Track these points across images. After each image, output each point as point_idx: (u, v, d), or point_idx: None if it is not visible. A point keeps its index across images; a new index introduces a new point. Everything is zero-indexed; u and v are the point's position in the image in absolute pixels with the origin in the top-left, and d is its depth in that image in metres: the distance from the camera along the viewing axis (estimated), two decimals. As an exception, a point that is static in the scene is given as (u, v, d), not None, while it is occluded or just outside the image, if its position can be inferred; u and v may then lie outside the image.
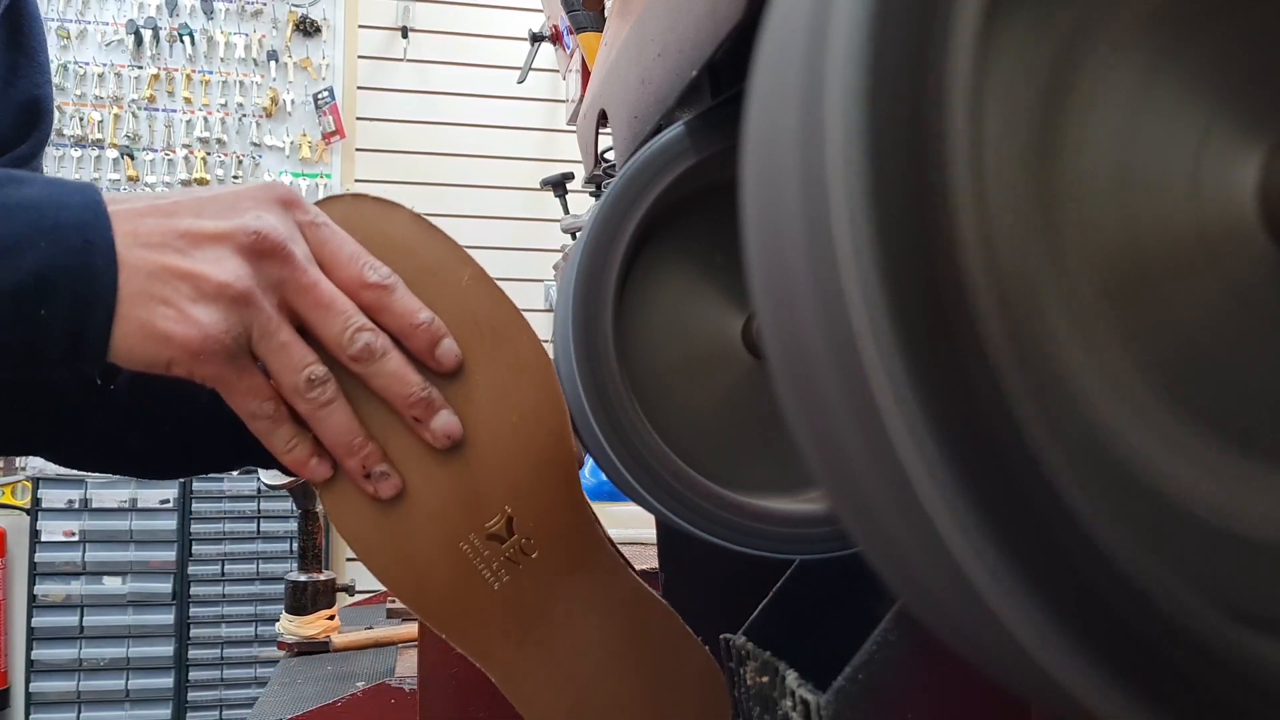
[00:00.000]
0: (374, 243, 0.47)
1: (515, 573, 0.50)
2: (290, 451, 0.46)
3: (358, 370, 0.46)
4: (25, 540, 3.13)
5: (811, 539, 0.45)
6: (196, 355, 0.42)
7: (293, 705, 1.26)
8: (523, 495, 0.50)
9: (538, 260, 3.32)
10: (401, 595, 0.49)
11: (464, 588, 0.49)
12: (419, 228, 0.50)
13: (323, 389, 0.45)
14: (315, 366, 0.45)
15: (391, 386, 0.47)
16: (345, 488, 0.48)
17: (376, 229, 0.48)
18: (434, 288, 0.48)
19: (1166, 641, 0.18)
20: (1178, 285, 0.22)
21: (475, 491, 0.49)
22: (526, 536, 0.50)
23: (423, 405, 0.47)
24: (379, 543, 0.48)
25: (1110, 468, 0.21)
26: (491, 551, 0.49)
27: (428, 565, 0.49)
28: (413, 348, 0.47)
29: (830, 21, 0.19)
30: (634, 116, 0.50)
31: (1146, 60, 0.23)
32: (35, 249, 0.40)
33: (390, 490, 0.48)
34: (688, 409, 0.48)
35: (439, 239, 0.50)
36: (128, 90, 3.24)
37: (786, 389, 0.22)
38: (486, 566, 0.49)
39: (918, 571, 0.20)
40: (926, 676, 0.39)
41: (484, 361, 0.49)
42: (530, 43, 2.58)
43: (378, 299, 0.46)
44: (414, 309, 0.47)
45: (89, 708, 3.11)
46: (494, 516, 0.49)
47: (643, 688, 0.53)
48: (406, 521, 0.48)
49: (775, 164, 0.21)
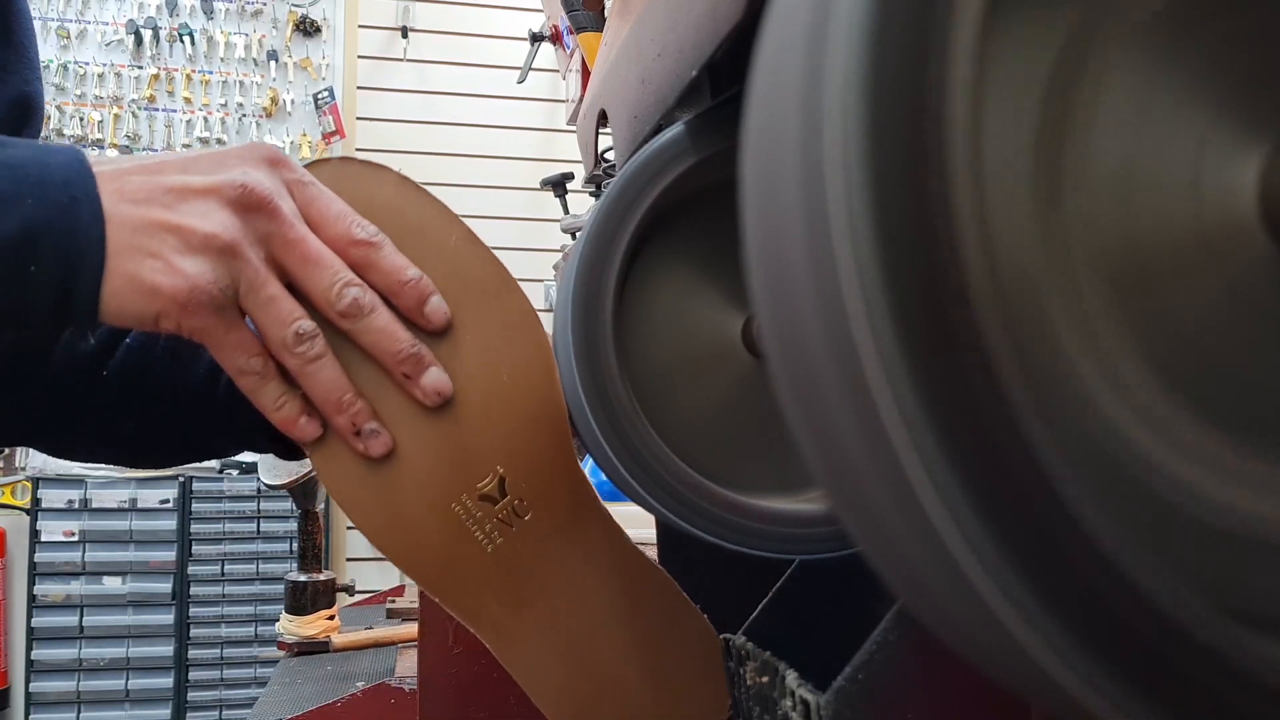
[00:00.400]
0: (361, 204, 0.47)
1: (508, 534, 0.49)
2: (279, 409, 0.46)
3: (346, 326, 0.46)
4: (25, 540, 3.13)
5: (811, 539, 0.45)
6: (184, 307, 0.42)
7: (293, 705, 1.26)
8: (515, 455, 0.49)
9: (538, 260, 3.32)
10: (393, 557, 0.49)
11: (457, 549, 0.49)
12: (406, 189, 0.49)
13: (311, 344, 0.45)
14: (303, 321, 0.45)
15: (380, 343, 0.46)
16: (335, 447, 0.47)
17: (364, 191, 0.48)
18: (422, 248, 0.48)
19: (1167, 641, 0.18)
20: (1178, 285, 0.22)
21: (466, 451, 0.48)
22: (519, 498, 0.49)
23: (412, 361, 0.47)
24: (370, 503, 0.48)
25: (1111, 467, 0.21)
26: (484, 513, 0.49)
27: (419, 526, 0.48)
28: (401, 305, 0.47)
29: (830, 22, 0.19)
30: (634, 116, 0.50)
31: (1148, 60, 0.23)
32: (21, 206, 0.39)
33: (380, 448, 0.47)
34: (688, 409, 0.48)
35: (426, 200, 0.49)
36: (128, 90, 3.24)
37: (786, 389, 0.22)
38: (479, 528, 0.49)
39: (918, 571, 0.20)
40: (926, 676, 0.39)
41: (473, 321, 0.49)
42: (530, 43, 2.58)
43: (365, 256, 0.46)
44: (402, 266, 0.47)
45: (89, 708, 3.11)
46: (486, 477, 0.49)
47: (640, 651, 0.52)
48: (397, 482, 0.48)
49: (775, 164, 0.21)
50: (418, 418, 0.48)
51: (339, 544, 3.32)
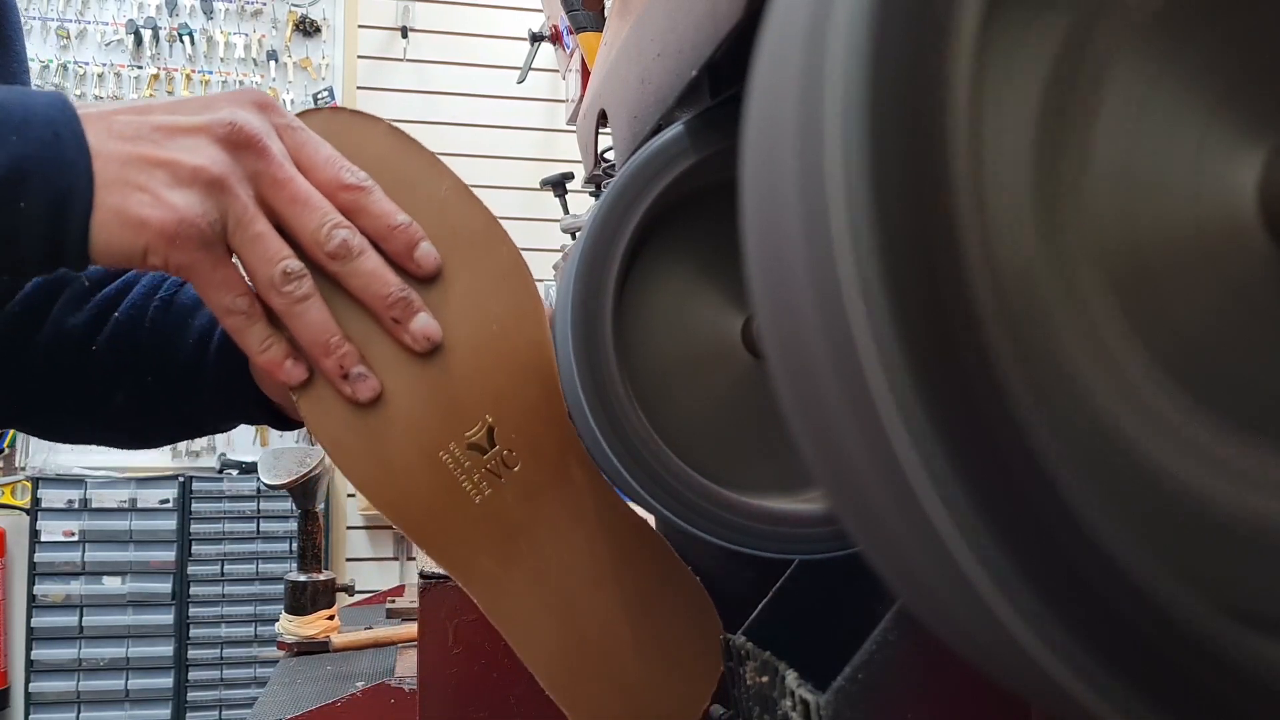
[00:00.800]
0: (352, 153, 0.46)
1: (497, 485, 0.49)
2: (265, 351, 0.45)
3: (334, 269, 0.45)
4: (25, 540, 3.13)
5: (811, 539, 0.45)
6: (172, 240, 0.41)
7: (292, 705, 1.26)
8: (503, 405, 0.49)
9: (538, 260, 3.31)
10: (381, 505, 0.48)
11: (445, 499, 0.48)
12: (397, 139, 0.49)
13: (298, 284, 0.44)
14: (290, 260, 0.44)
15: (370, 286, 0.46)
16: (322, 391, 0.47)
17: (354, 140, 0.48)
18: (412, 198, 0.47)
19: (1167, 641, 0.18)
20: (1179, 284, 0.22)
21: (455, 399, 0.48)
22: (508, 448, 0.49)
23: (401, 305, 0.46)
24: (358, 449, 0.47)
25: (1111, 466, 0.21)
26: (473, 462, 0.48)
27: (407, 474, 0.48)
28: (390, 250, 0.47)
29: (830, 22, 0.19)
30: (634, 116, 0.50)
31: (1148, 60, 0.23)
32: (6, 144, 0.40)
33: (368, 392, 0.47)
34: (688, 409, 0.48)
35: (417, 150, 0.49)
36: (128, 90, 3.23)
37: (786, 389, 0.22)
38: (468, 478, 0.48)
39: (917, 571, 0.20)
40: (926, 676, 0.39)
41: (463, 269, 0.48)
42: (530, 43, 2.58)
43: (355, 200, 0.46)
44: (391, 211, 0.46)
45: (89, 708, 3.11)
46: (475, 425, 0.48)
47: (632, 611, 0.51)
48: (386, 428, 0.47)
49: (774, 164, 0.21)
50: (406, 364, 0.47)
51: (339, 544, 3.32)
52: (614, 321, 0.44)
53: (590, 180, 1.34)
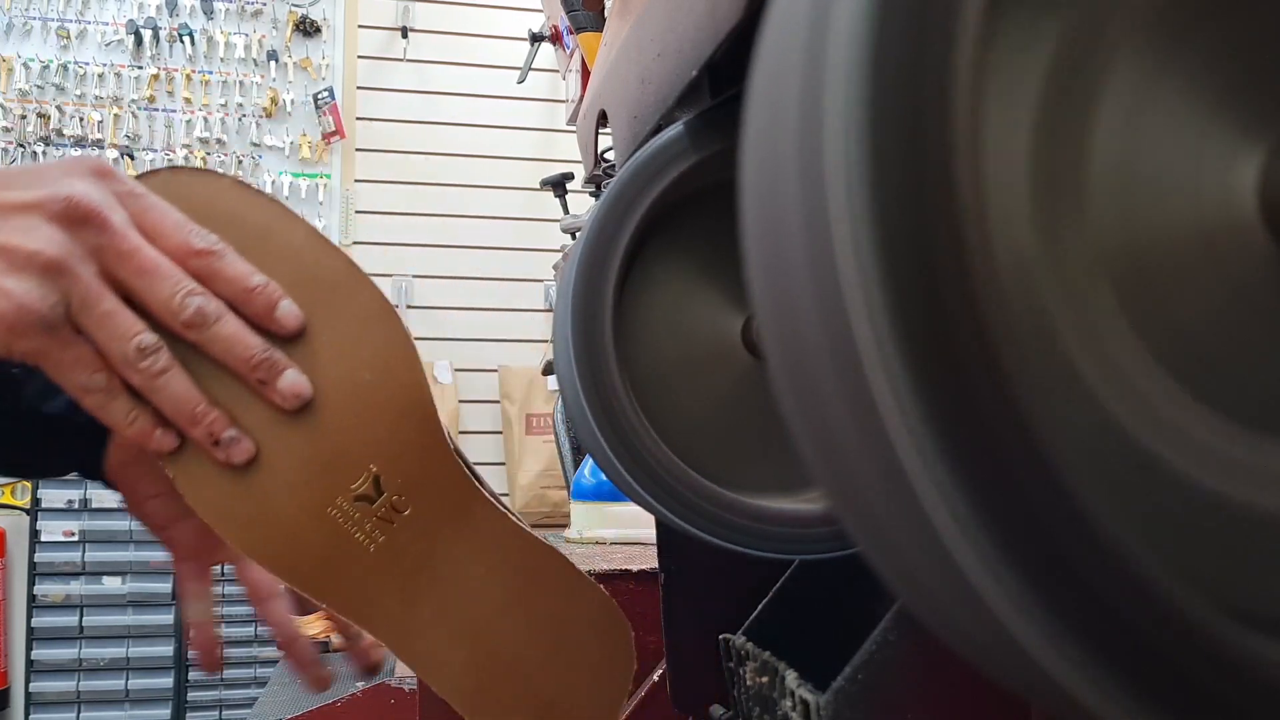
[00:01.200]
0: (199, 213, 0.45)
1: (390, 531, 0.48)
2: (131, 425, 0.44)
3: (193, 338, 0.44)
4: (25, 540, 3.13)
5: (811, 539, 0.45)
6: (12, 329, 0.40)
7: (293, 705, 1.26)
8: (386, 452, 0.48)
9: (538, 260, 3.31)
10: (272, 568, 0.47)
11: (338, 553, 0.48)
12: (244, 193, 0.48)
13: (154, 358, 0.43)
14: (143, 335, 0.43)
15: (231, 350, 0.45)
16: (195, 459, 0.46)
17: (200, 199, 0.46)
18: (266, 252, 0.46)
19: (1167, 641, 0.18)
20: (1179, 283, 0.22)
21: (336, 453, 0.47)
22: (396, 494, 0.48)
23: (266, 366, 0.45)
24: (240, 515, 0.46)
25: (1112, 466, 0.21)
26: (362, 513, 0.48)
27: (295, 535, 0.47)
28: (251, 314, 0.45)
29: (830, 22, 0.19)
30: (634, 116, 0.50)
31: (1148, 60, 0.23)
32: None
33: (243, 455, 0.45)
34: (687, 409, 0.48)
35: (266, 202, 0.48)
36: (128, 90, 3.23)
37: (786, 389, 0.22)
38: (359, 529, 0.48)
39: (917, 571, 0.20)
40: (926, 676, 0.39)
41: (326, 320, 0.47)
42: (530, 43, 2.58)
43: (207, 266, 0.44)
44: (246, 273, 0.45)
45: (89, 708, 3.11)
46: (359, 477, 0.48)
47: (541, 631, 0.51)
48: (266, 491, 0.46)
49: (775, 164, 0.21)
50: (280, 423, 0.46)
51: (339, 544, 3.32)
52: (614, 321, 0.44)
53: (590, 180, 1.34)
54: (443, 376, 3.28)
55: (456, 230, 3.37)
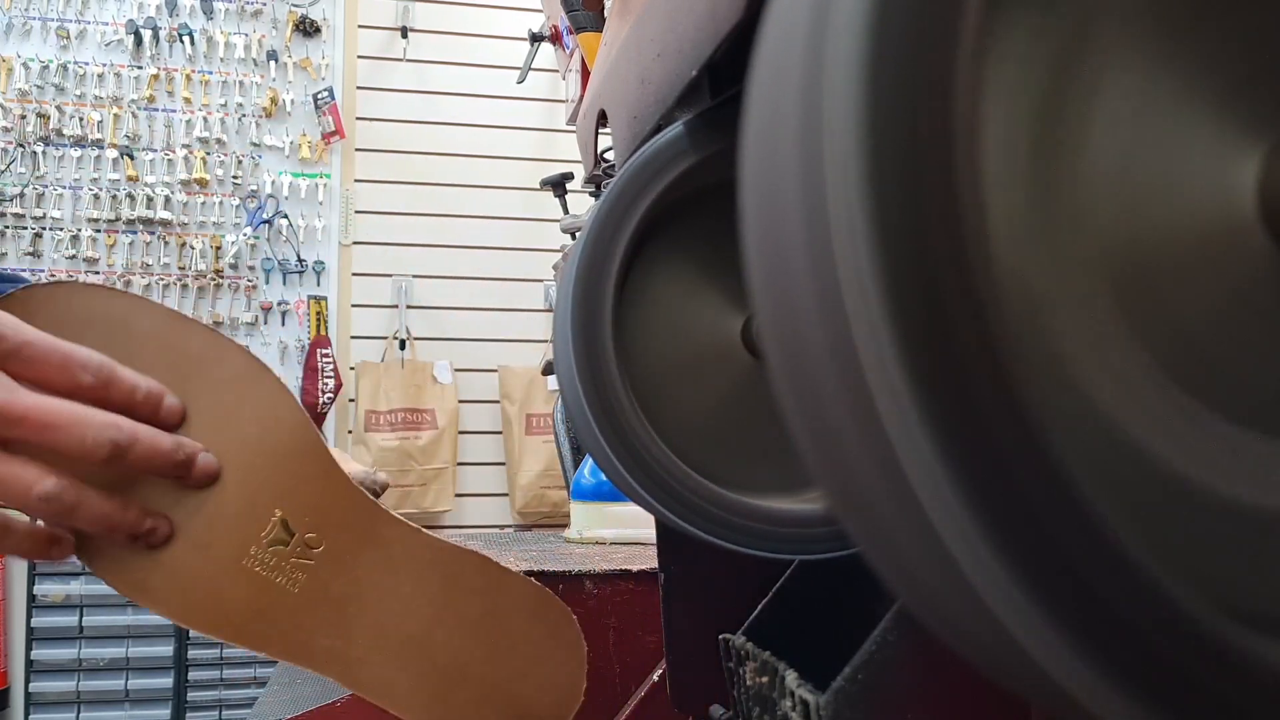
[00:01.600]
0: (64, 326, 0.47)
1: (309, 570, 0.51)
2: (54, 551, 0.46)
3: (114, 467, 0.45)
4: (25, 540, 3.13)
5: (811, 539, 0.45)
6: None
7: (292, 705, 1.26)
8: (287, 495, 0.50)
9: (537, 260, 3.31)
10: (204, 628, 0.50)
11: (265, 602, 0.50)
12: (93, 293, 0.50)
13: (59, 500, 0.44)
14: (41, 484, 0.44)
15: (151, 462, 0.46)
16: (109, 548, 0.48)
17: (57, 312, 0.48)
18: (128, 341, 0.49)
19: (1167, 642, 0.18)
20: (1179, 284, 0.22)
21: (241, 507, 0.50)
22: (307, 530, 0.51)
23: (185, 463, 0.48)
24: (163, 587, 0.49)
25: (1112, 466, 0.21)
26: (278, 557, 0.50)
27: (218, 593, 0.49)
28: (140, 418, 0.47)
29: (831, 22, 0.19)
30: (634, 116, 0.50)
31: (1147, 60, 0.23)
32: None
33: (162, 538, 0.48)
34: (688, 409, 0.48)
35: (119, 297, 0.50)
36: (128, 90, 3.23)
37: (786, 389, 0.22)
38: (279, 573, 0.50)
39: (917, 571, 0.20)
40: (926, 676, 0.39)
41: (202, 390, 0.50)
42: (530, 43, 2.58)
43: (99, 391, 0.46)
44: (131, 383, 0.47)
45: (89, 708, 3.11)
46: (267, 523, 0.50)
47: (479, 631, 0.53)
48: (181, 559, 0.49)
49: (775, 163, 0.21)
50: (184, 495, 0.49)
51: (339, 544, 3.31)
52: (614, 321, 0.44)
53: (590, 180, 1.34)
54: (443, 376, 3.28)
55: (456, 230, 3.37)
